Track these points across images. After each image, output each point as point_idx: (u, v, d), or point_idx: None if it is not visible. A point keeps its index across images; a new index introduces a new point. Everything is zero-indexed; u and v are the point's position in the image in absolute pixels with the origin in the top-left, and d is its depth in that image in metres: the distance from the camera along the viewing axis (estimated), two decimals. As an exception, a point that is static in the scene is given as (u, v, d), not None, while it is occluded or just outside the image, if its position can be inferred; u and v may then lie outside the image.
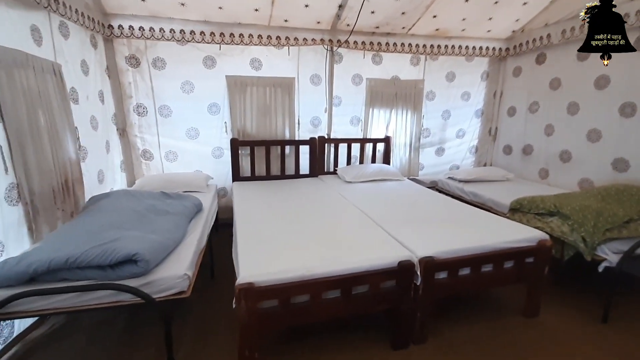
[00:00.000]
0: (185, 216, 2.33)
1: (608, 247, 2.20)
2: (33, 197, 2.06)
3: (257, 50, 3.55)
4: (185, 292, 1.70)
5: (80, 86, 2.72)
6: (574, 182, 3.36)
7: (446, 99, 4.23)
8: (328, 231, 2.23)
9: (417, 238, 2.12)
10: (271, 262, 1.79)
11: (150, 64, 3.36)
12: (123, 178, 3.49)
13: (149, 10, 3.08)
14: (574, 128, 3.34)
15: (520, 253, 2.12)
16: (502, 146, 4.32)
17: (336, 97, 3.91)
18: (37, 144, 2.10)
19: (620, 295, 2.46)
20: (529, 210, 2.70)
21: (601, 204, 2.42)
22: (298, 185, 3.49)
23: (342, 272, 1.76)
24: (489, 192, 3.35)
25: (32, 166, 2.06)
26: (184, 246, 2.00)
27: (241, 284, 1.59)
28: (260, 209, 2.71)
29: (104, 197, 2.45)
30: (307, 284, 1.69)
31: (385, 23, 3.48)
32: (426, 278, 1.89)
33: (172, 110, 3.52)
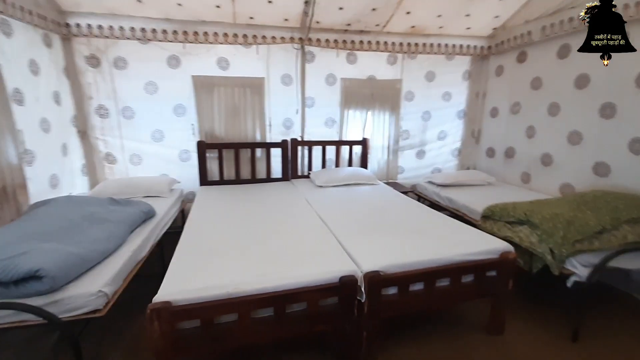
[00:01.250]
0: (127, 224, 2.19)
1: (578, 259, 2.02)
2: (-44, 205, 1.93)
3: (224, 49, 3.41)
4: (101, 311, 1.56)
5: (27, 87, 2.59)
6: (555, 187, 3.18)
7: (426, 100, 4.06)
8: (275, 242, 2.08)
9: (369, 250, 1.96)
10: (198, 278, 1.64)
11: (111, 63, 3.23)
12: (85, 182, 3.36)
13: (106, 7, 2.96)
14: (555, 130, 3.16)
15: (481, 266, 1.95)
16: (485, 149, 4.14)
17: (309, 97, 3.76)
18: (-38, 149, 1.98)
19: (595, 310, 2.28)
20: (500, 218, 2.53)
21: (574, 212, 2.24)
22: (266, 191, 3.34)
23: (274, 288, 1.60)
24: (465, 197, 3.18)
25: (-44, 172, 1.94)
26: (114, 258, 1.86)
27: (155, 304, 1.44)
28: (214, 217, 2.57)
29: (44, 203, 2.32)
30: (232, 303, 1.54)
31: (356, 20, 3.33)
32: (371, 295, 1.73)
33: (135, 112, 3.39)
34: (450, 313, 2.35)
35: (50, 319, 1.41)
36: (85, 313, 1.53)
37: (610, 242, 2.06)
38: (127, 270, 1.87)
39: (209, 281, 1.60)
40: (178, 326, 1.52)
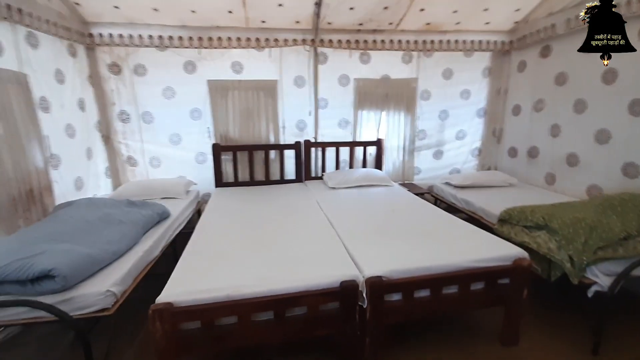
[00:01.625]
0: (140, 226, 2.27)
1: (599, 268, 1.88)
2: (-13, 207, 2.09)
3: (238, 53, 3.47)
4: (109, 310, 1.63)
5: (53, 95, 2.76)
6: (581, 189, 2.98)
7: (443, 98, 3.94)
8: (281, 245, 2.09)
9: (374, 254, 1.93)
10: (201, 280, 1.68)
11: (132, 70, 3.38)
12: (108, 184, 3.53)
13: (125, 17, 3.09)
14: (581, 128, 2.96)
15: (492, 273, 1.86)
16: (507, 148, 3.96)
17: (322, 99, 3.75)
18: (-7, 154, 2.13)
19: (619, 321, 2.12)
20: (517, 222, 2.40)
21: (598, 216, 2.09)
22: (278, 192, 3.37)
23: (274, 292, 1.61)
24: (483, 199, 3.05)
25: (-13, 176, 2.09)
26: (125, 258, 1.94)
27: (157, 304, 1.49)
28: (224, 219, 2.62)
29: (67, 205, 2.46)
30: (233, 305, 1.56)
31: (368, 19, 3.28)
32: (373, 300, 1.70)
33: (154, 117, 3.52)
34: (462, 320, 2.26)
35: (61, 316, 1.49)
36: (94, 311, 1.60)
37: (637, 249, 1.91)
38: (137, 271, 1.95)
39: (210, 283, 1.64)
40: (180, 327, 1.55)
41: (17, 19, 2.35)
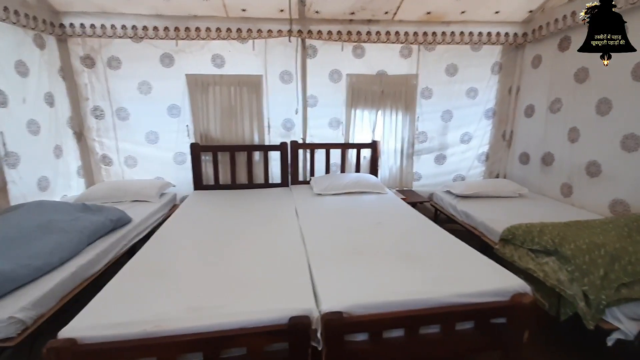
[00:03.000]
0: (85, 234, 2.02)
1: (623, 310, 1.50)
2: None
3: (219, 45, 3.20)
4: (13, 340, 1.37)
5: (12, 88, 2.56)
6: (604, 204, 2.56)
7: (447, 97, 3.55)
8: (236, 266, 1.79)
9: (341, 282, 1.60)
10: (123, 309, 1.39)
11: (105, 63, 3.15)
12: (81, 184, 3.33)
13: (97, 5, 2.87)
14: (605, 132, 2.54)
15: (483, 311, 1.50)
16: (519, 154, 3.53)
17: (311, 96, 3.43)
18: None
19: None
20: (522, 244, 2.02)
21: (623, 242, 1.70)
22: (258, 198, 3.07)
23: (205, 328, 1.31)
24: (486, 212, 2.67)
25: None
26: (52, 275, 1.68)
27: (55, 341, 1.21)
28: (186, 229, 2.34)
29: (14, 208, 2.24)
30: (150, 345, 1.26)
31: (360, 8, 2.94)
32: (331, 341, 1.37)
33: (130, 113, 3.29)
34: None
35: (-55, 350, 1.23)
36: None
37: (675, 288, 1.50)
38: (65, 290, 1.68)
39: (130, 314, 1.35)
40: (87, 368, 1.27)
41: (-37, 4, 2.15)
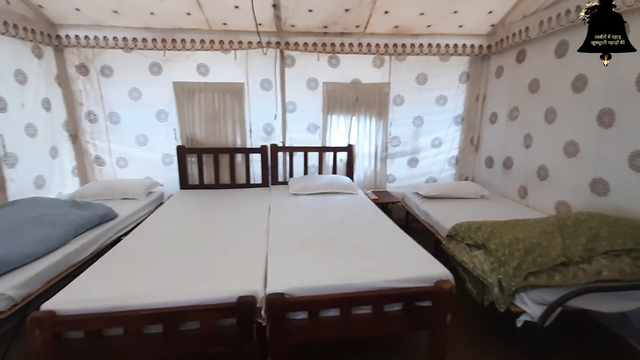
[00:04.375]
0: (72, 227, 2.27)
1: (530, 295, 1.72)
2: None
3: (203, 55, 3.45)
4: (3, 313, 1.62)
5: (11, 95, 2.82)
6: (550, 205, 2.77)
7: (417, 104, 3.78)
8: (203, 253, 2.03)
9: (290, 268, 1.83)
10: (97, 288, 1.64)
11: (98, 71, 3.42)
12: (76, 183, 3.59)
13: (90, 19, 3.13)
14: (551, 139, 2.76)
15: (408, 295, 1.73)
16: (485, 158, 3.75)
17: (290, 102, 3.68)
18: None
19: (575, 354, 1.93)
20: (462, 239, 2.24)
21: (542, 238, 1.91)
22: (237, 197, 3.31)
23: (164, 304, 1.54)
24: (443, 212, 2.89)
25: None
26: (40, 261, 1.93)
27: (37, 312, 1.46)
28: (166, 223, 2.60)
29: (10, 204, 2.50)
30: (117, 317, 1.50)
31: (332, 22, 3.18)
32: (273, 318, 1.61)
33: (121, 117, 3.55)
34: (391, 344, 2.12)
35: (-53, 318, 1.48)
36: (-13, 314, 1.59)
37: (577, 277, 1.73)
38: (51, 274, 1.93)
39: (102, 292, 1.59)
40: (64, 336, 1.52)
41: (-32, 21, 2.41)
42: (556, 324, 1.68)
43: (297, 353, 1.88)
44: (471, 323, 2.26)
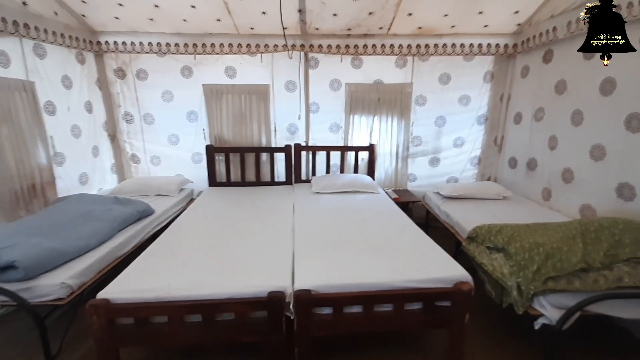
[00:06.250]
0: (117, 222, 2.49)
1: (548, 299, 1.77)
2: (-12, 200, 2.40)
3: (231, 58, 3.60)
4: (63, 300, 1.83)
5: (59, 99, 3.07)
6: (575, 208, 2.76)
7: (440, 104, 3.79)
8: (234, 250, 2.19)
9: (315, 266, 1.96)
10: (143, 279, 1.83)
11: (135, 75, 3.64)
12: (114, 179, 3.86)
13: (127, 26, 3.33)
14: (578, 142, 2.73)
15: (428, 295, 1.82)
16: (508, 158, 3.72)
17: (313, 103, 3.78)
18: (-5, 154, 2.44)
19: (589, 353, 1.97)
20: (482, 242, 2.29)
21: (563, 243, 1.94)
22: (263, 194, 3.47)
23: (203, 296, 1.71)
24: (464, 213, 2.93)
25: (-11, 173, 2.40)
26: (92, 253, 2.14)
27: (94, 300, 1.66)
28: (199, 219, 2.79)
29: (61, 200, 2.75)
30: (161, 306, 1.68)
31: (356, 25, 3.24)
32: (300, 313, 1.75)
33: (155, 118, 3.77)
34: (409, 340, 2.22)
35: (19, 301, 1.71)
36: (50, 300, 1.81)
37: (597, 283, 1.75)
38: (101, 265, 2.15)
39: (148, 283, 1.78)
40: (117, 321, 1.72)
41: (24, 33, 2.64)
42: (575, 327, 1.73)
43: (321, 345, 2.01)
44: (488, 323, 2.32)
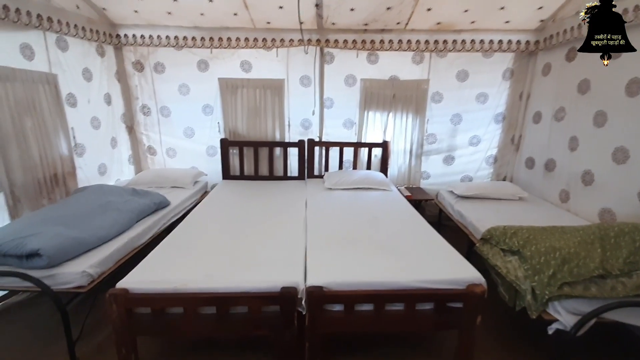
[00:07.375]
0: (135, 213, 2.55)
1: (563, 305, 1.74)
2: (14, 188, 2.49)
3: (246, 53, 3.61)
4: (84, 287, 1.91)
5: (80, 91, 3.14)
6: (594, 212, 2.69)
7: (456, 101, 3.72)
8: (247, 244, 2.22)
9: (328, 263, 1.98)
10: (161, 271, 1.88)
11: (152, 68, 3.69)
12: (131, 170, 3.95)
13: (145, 19, 3.37)
14: (599, 144, 2.65)
15: (440, 296, 1.82)
16: (525, 158, 3.65)
17: (328, 98, 3.76)
18: (21, 144, 2.52)
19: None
20: (497, 244, 2.27)
21: (581, 248, 1.91)
22: (276, 189, 3.50)
23: (217, 289, 1.75)
24: (478, 213, 2.89)
25: (15, 163, 2.49)
26: (111, 243, 2.21)
27: (113, 289, 1.71)
28: (212, 212, 2.84)
29: (81, 190, 2.84)
30: (178, 298, 1.73)
31: (373, 20, 3.20)
32: (312, 309, 1.77)
33: (171, 111, 3.83)
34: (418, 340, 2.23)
35: (42, 287, 1.78)
36: (72, 287, 1.88)
37: (615, 290, 1.72)
38: (120, 255, 2.21)
39: (166, 275, 1.83)
40: (135, 311, 1.77)
41: (47, 27, 2.70)
42: (589, 334, 1.70)
43: (332, 341, 2.03)
44: (499, 325, 2.30)
